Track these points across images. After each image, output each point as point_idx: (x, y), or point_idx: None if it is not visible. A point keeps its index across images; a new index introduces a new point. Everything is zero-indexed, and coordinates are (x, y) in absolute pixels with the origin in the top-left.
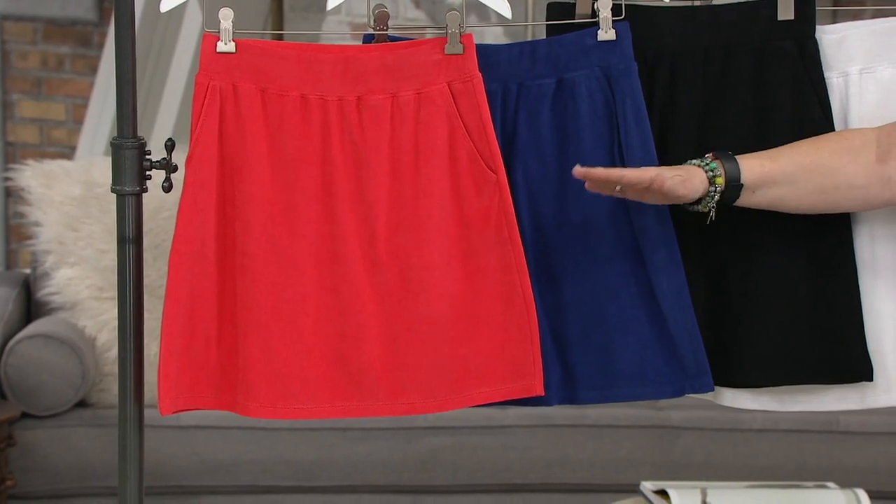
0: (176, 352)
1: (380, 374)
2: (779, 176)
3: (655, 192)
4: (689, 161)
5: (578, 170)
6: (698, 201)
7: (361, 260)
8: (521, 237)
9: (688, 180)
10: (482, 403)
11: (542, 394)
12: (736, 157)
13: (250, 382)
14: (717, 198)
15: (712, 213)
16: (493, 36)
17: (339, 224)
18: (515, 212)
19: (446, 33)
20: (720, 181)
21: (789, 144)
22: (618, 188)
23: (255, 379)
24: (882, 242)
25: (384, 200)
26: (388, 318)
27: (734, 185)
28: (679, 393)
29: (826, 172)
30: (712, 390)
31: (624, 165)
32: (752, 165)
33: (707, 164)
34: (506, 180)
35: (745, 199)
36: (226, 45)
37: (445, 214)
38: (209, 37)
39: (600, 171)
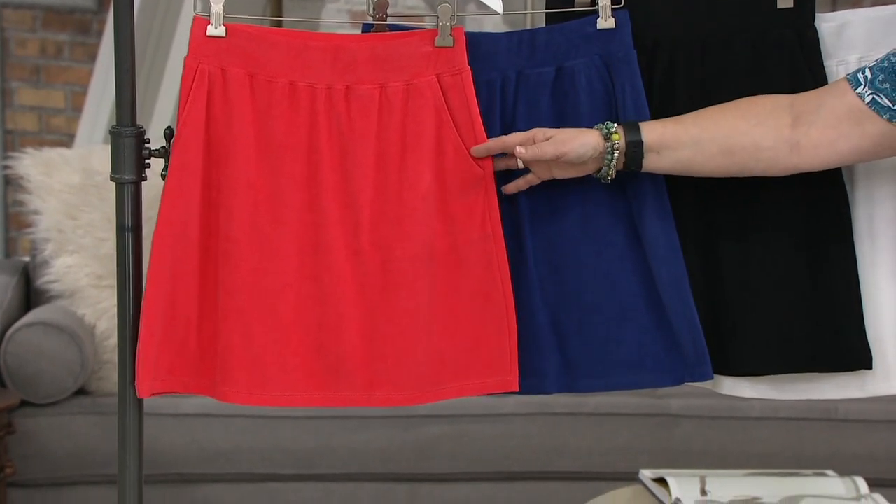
0: (155, 334)
1: (357, 365)
2: (683, 136)
3: (536, 156)
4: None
5: (474, 149)
6: (601, 168)
7: (344, 250)
8: (519, 227)
9: (574, 139)
10: (457, 397)
11: (517, 389)
12: (639, 122)
13: (229, 368)
14: (616, 156)
15: (611, 173)
16: (492, 24)
17: (323, 213)
18: (514, 202)
19: (436, 25)
20: (617, 138)
21: (697, 111)
22: (519, 164)
23: (233, 365)
24: (882, 230)
25: (369, 191)
26: (368, 309)
27: (634, 143)
28: (678, 381)
29: (731, 134)
30: (711, 379)
31: None
32: (653, 127)
33: (604, 125)
34: (492, 175)
35: (653, 163)
36: (216, 29)
37: (429, 207)
38: (199, 20)
39: (481, 147)
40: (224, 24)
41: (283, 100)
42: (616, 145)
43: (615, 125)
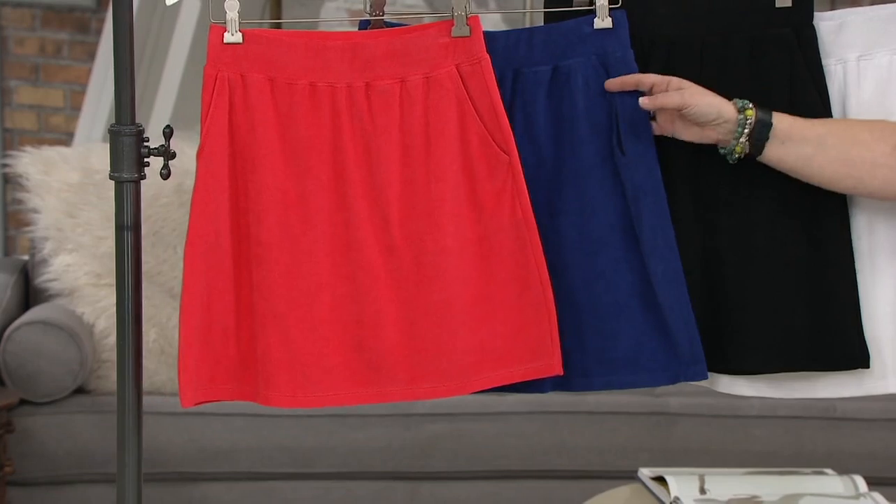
0: (195, 344)
1: (399, 360)
2: (809, 133)
3: (659, 104)
4: None
5: (608, 82)
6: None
7: (376, 246)
8: None
9: (704, 95)
10: (501, 385)
11: (561, 373)
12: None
13: (270, 372)
14: (745, 131)
15: (738, 150)
16: (491, 23)
17: (353, 211)
18: None
19: (452, 16)
20: (750, 114)
21: (822, 118)
22: (645, 100)
23: (274, 369)
24: (880, 229)
25: (396, 186)
26: (405, 304)
27: (763, 123)
28: (674, 380)
29: (856, 142)
30: (706, 378)
31: (622, 153)
32: (783, 116)
33: (739, 100)
34: (518, 161)
35: (773, 152)
36: (233, 36)
37: (458, 197)
38: (216, 28)
39: (615, 80)
40: (240, 31)
41: (304, 101)
42: (748, 120)
43: (750, 102)
